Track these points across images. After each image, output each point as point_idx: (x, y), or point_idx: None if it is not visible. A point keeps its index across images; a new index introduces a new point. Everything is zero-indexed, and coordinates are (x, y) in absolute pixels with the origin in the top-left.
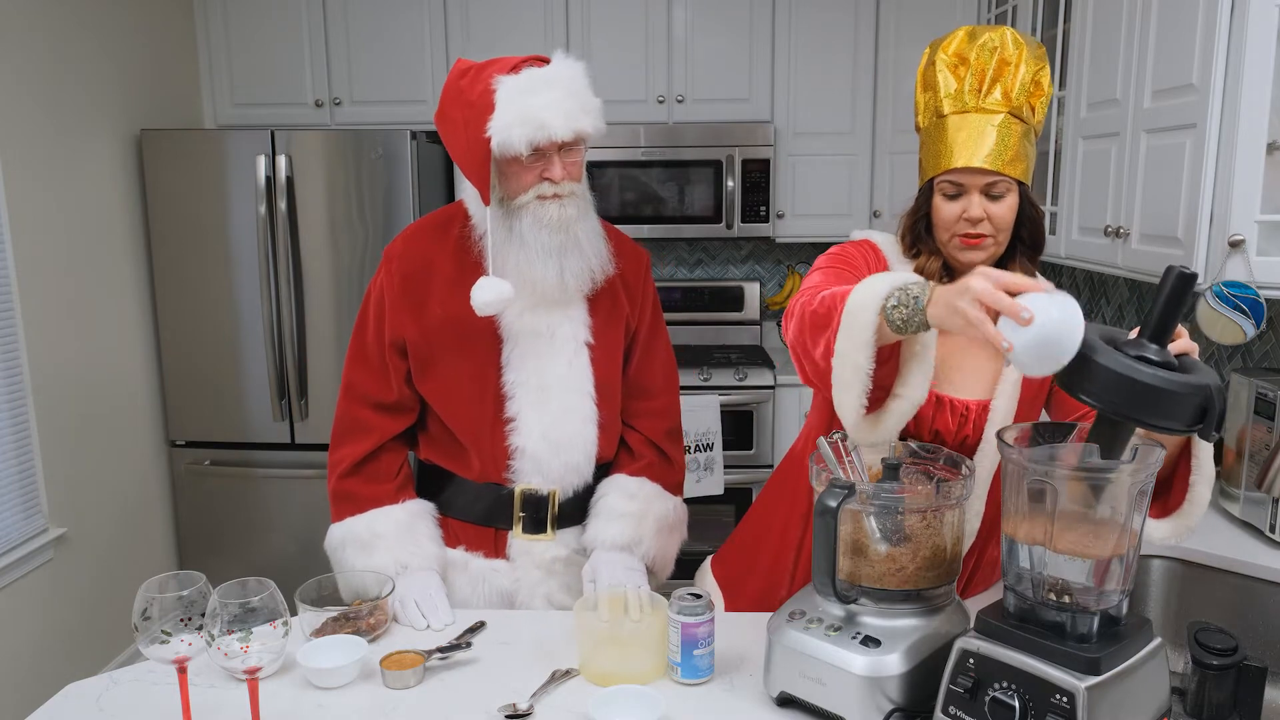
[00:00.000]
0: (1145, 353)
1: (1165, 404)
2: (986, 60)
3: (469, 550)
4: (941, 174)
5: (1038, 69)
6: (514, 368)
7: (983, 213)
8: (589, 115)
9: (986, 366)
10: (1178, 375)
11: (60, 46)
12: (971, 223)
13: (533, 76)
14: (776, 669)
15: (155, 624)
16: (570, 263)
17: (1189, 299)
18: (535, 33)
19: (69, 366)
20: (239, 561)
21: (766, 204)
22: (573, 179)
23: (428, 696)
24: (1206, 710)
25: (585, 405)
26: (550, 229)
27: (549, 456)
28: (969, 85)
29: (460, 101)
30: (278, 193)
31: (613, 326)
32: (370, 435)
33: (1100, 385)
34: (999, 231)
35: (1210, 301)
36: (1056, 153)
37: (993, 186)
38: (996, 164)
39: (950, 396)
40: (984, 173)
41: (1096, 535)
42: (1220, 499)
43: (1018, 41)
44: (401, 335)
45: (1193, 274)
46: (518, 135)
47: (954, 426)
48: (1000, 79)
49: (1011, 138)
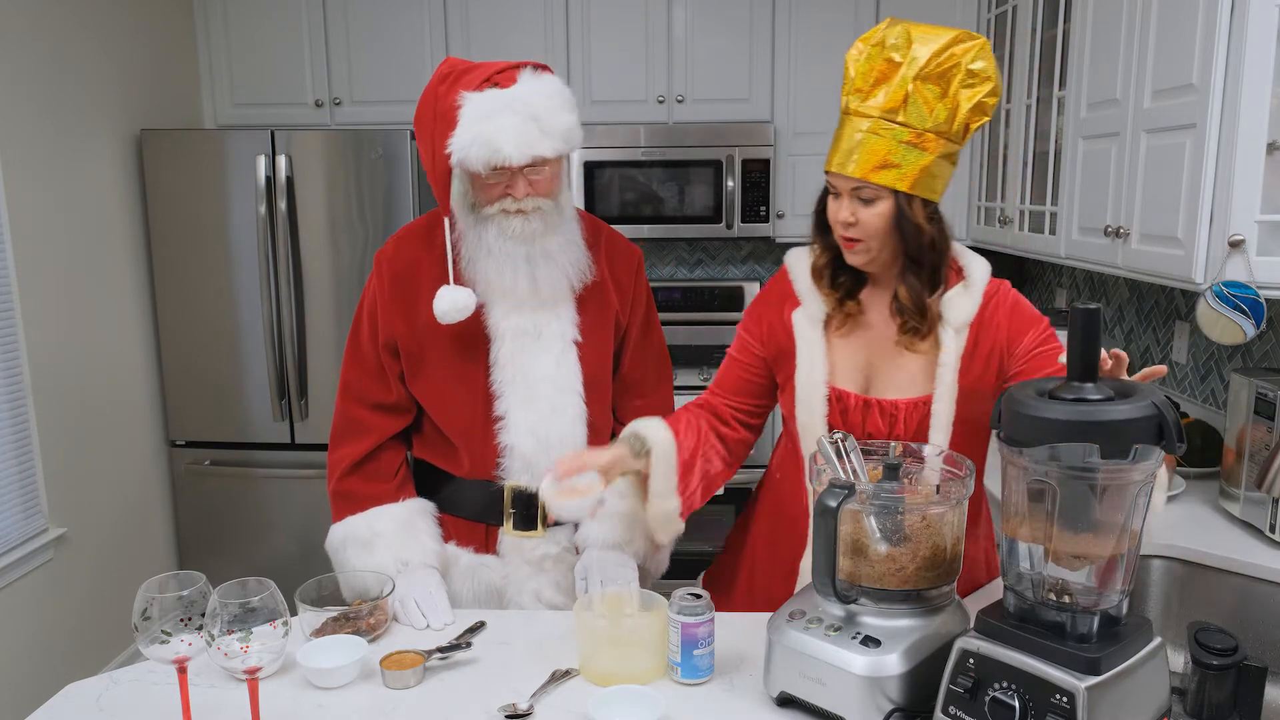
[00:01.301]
0: (1083, 394)
1: (1124, 435)
2: (876, 60)
3: (460, 545)
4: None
5: (945, 65)
6: (502, 366)
7: (851, 216)
8: (550, 139)
9: (917, 366)
10: (1124, 405)
11: (60, 46)
12: (842, 225)
13: (493, 98)
14: (776, 669)
15: (155, 624)
16: (541, 271)
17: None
18: (535, 33)
19: (69, 366)
20: (239, 561)
21: (766, 204)
22: (541, 194)
23: (428, 696)
24: (1206, 710)
25: (574, 403)
26: (515, 240)
27: (538, 454)
28: (855, 85)
29: (432, 110)
30: (278, 193)
31: (602, 325)
32: (369, 435)
33: (1059, 435)
34: (870, 237)
35: (1210, 301)
36: (1056, 153)
37: (859, 191)
38: (856, 171)
39: (879, 398)
40: (846, 178)
41: (1096, 535)
42: (1220, 499)
43: (910, 38)
44: (393, 336)
45: (1095, 309)
46: (475, 156)
47: (885, 427)
48: (884, 82)
49: (883, 144)
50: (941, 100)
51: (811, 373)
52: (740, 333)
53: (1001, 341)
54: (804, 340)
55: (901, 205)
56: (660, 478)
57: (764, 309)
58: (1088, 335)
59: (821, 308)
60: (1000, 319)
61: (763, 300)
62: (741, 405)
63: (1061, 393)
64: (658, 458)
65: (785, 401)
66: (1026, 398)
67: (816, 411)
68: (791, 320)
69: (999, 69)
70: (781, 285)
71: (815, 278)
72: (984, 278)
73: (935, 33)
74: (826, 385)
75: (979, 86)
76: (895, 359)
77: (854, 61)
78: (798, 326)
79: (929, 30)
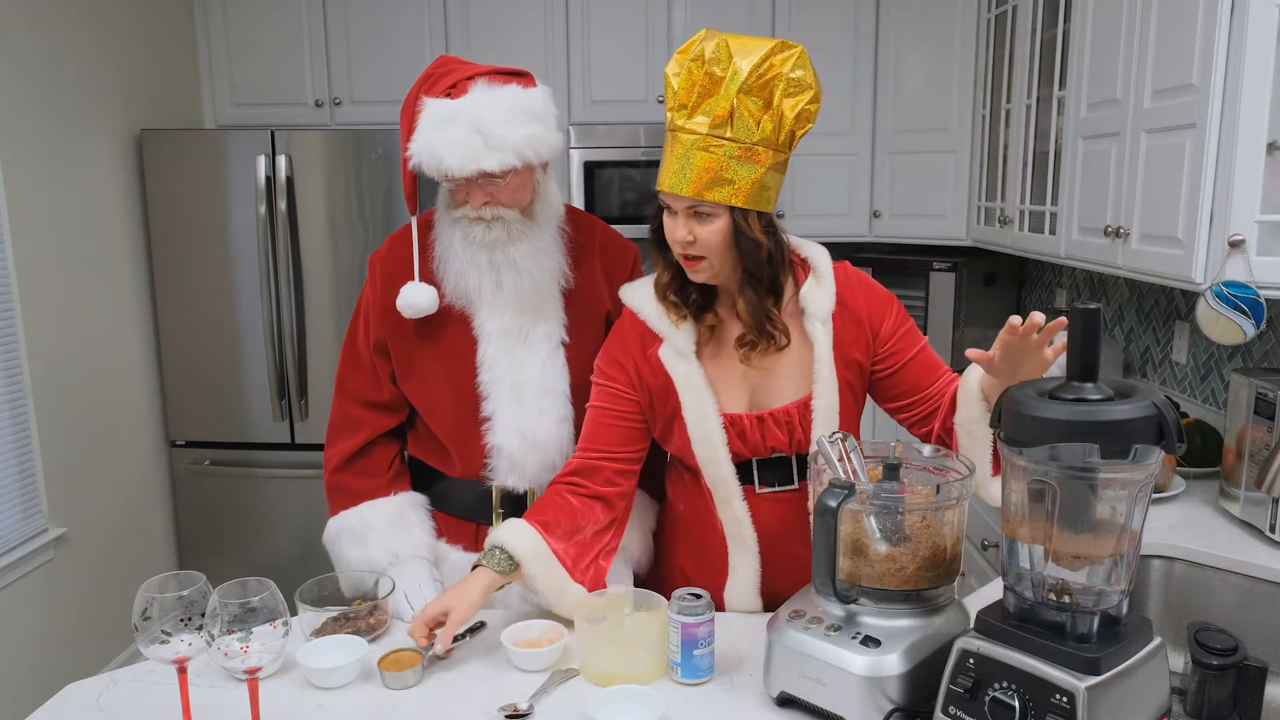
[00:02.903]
0: (1083, 394)
1: (1124, 434)
2: (697, 74)
3: (450, 543)
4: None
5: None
6: (488, 368)
7: (689, 234)
8: (497, 152)
9: (792, 367)
10: (1123, 405)
11: (60, 46)
12: (680, 244)
13: (443, 109)
14: (776, 669)
15: (155, 624)
16: (506, 278)
17: (1099, 332)
18: (535, 33)
19: (69, 366)
20: (239, 561)
21: None
22: (505, 204)
23: (428, 696)
24: (1206, 710)
25: (560, 405)
26: (477, 246)
27: (525, 455)
28: (678, 100)
29: (410, 110)
30: (278, 193)
31: (592, 325)
32: (361, 430)
33: (1059, 435)
34: (709, 254)
35: (1210, 301)
36: (1056, 153)
37: (696, 209)
38: (689, 190)
39: (770, 410)
40: (678, 197)
41: (1096, 535)
42: (1220, 499)
43: (729, 52)
44: (384, 337)
45: (1095, 309)
46: (426, 164)
47: (785, 436)
48: (708, 97)
49: (714, 160)
50: (766, 112)
51: (700, 405)
52: (601, 384)
53: (865, 323)
54: (681, 376)
55: (738, 221)
56: (545, 579)
57: (622, 354)
58: (1088, 335)
59: (686, 337)
60: (859, 301)
61: (617, 345)
62: (622, 456)
63: (1061, 393)
64: (530, 562)
65: (674, 440)
66: (1026, 398)
67: (717, 442)
68: (660, 358)
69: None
70: (634, 325)
71: (661, 298)
72: (829, 265)
73: (753, 43)
74: (719, 414)
75: (800, 95)
76: (770, 371)
77: (675, 77)
78: (669, 363)
79: (747, 41)
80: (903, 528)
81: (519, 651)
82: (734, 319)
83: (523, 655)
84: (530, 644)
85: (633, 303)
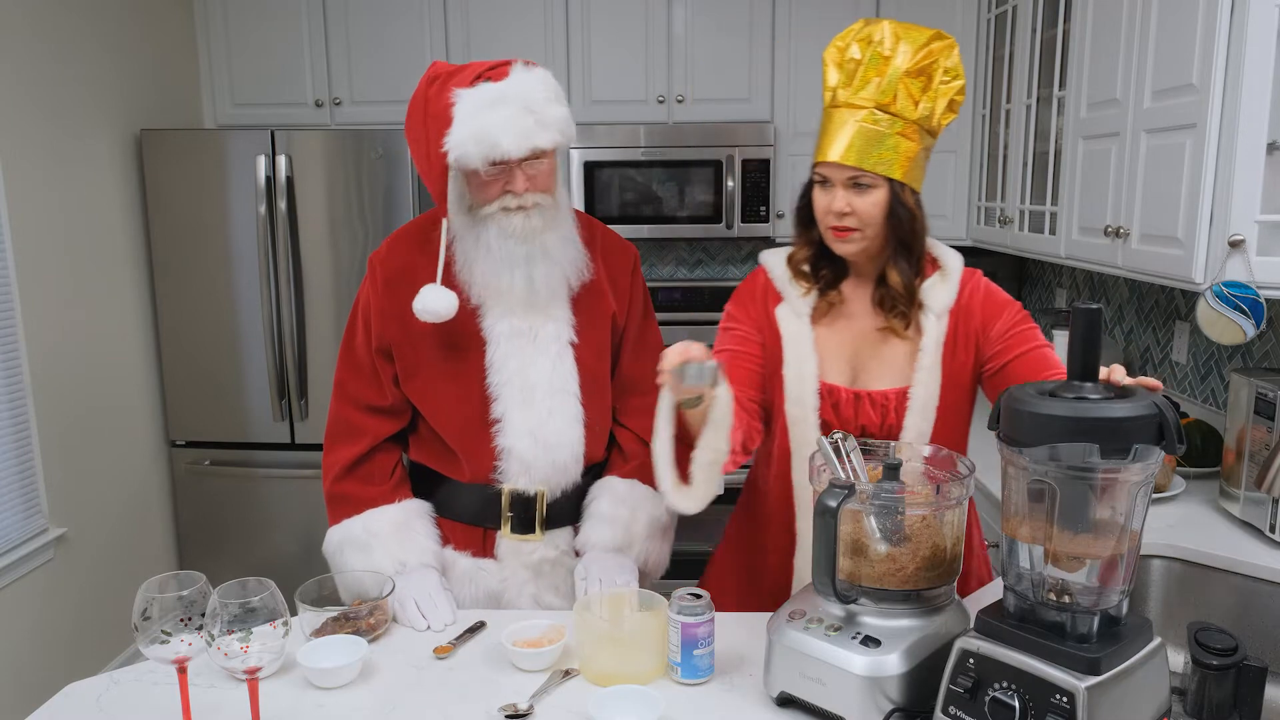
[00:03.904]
0: (1083, 393)
1: (1123, 432)
2: (864, 53)
3: (458, 549)
4: (814, 165)
5: (926, 62)
6: (498, 369)
7: (846, 206)
8: (547, 130)
9: (900, 356)
10: (1124, 404)
11: (60, 46)
12: (837, 215)
13: (487, 92)
14: (776, 669)
15: (155, 624)
16: (538, 271)
17: (1100, 333)
18: (535, 33)
19: (69, 366)
20: (239, 561)
21: (766, 204)
22: (539, 189)
23: (428, 696)
24: (1206, 710)
25: (571, 405)
26: (515, 239)
27: (536, 457)
28: (842, 80)
29: (424, 112)
30: (278, 193)
31: (598, 325)
32: (363, 437)
33: (1059, 435)
34: (866, 225)
35: (1210, 301)
36: (1056, 153)
37: (856, 180)
38: (855, 159)
39: (868, 390)
40: (842, 167)
41: (1096, 535)
42: (1220, 499)
43: (897, 35)
44: (387, 340)
45: (1096, 309)
46: (472, 152)
47: (878, 419)
48: (875, 74)
49: (873, 132)
50: (924, 94)
51: (801, 367)
52: (730, 327)
53: (976, 327)
54: (791, 335)
55: (896, 192)
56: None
57: (750, 302)
58: (1088, 335)
59: (806, 302)
60: (975, 305)
61: (746, 294)
62: (753, 398)
63: (1061, 392)
64: (722, 394)
65: (771, 397)
66: (1026, 396)
67: (809, 406)
68: (776, 315)
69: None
70: (760, 281)
71: (795, 272)
72: (959, 267)
73: (915, 30)
74: (818, 379)
75: (953, 84)
76: (879, 349)
77: (839, 54)
78: (782, 321)
79: (909, 27)
80: (903, 528)
81: (519, 651)
82: (857, 299)
83: (523, 655)
84: (530, 644)
85: (769, 261)
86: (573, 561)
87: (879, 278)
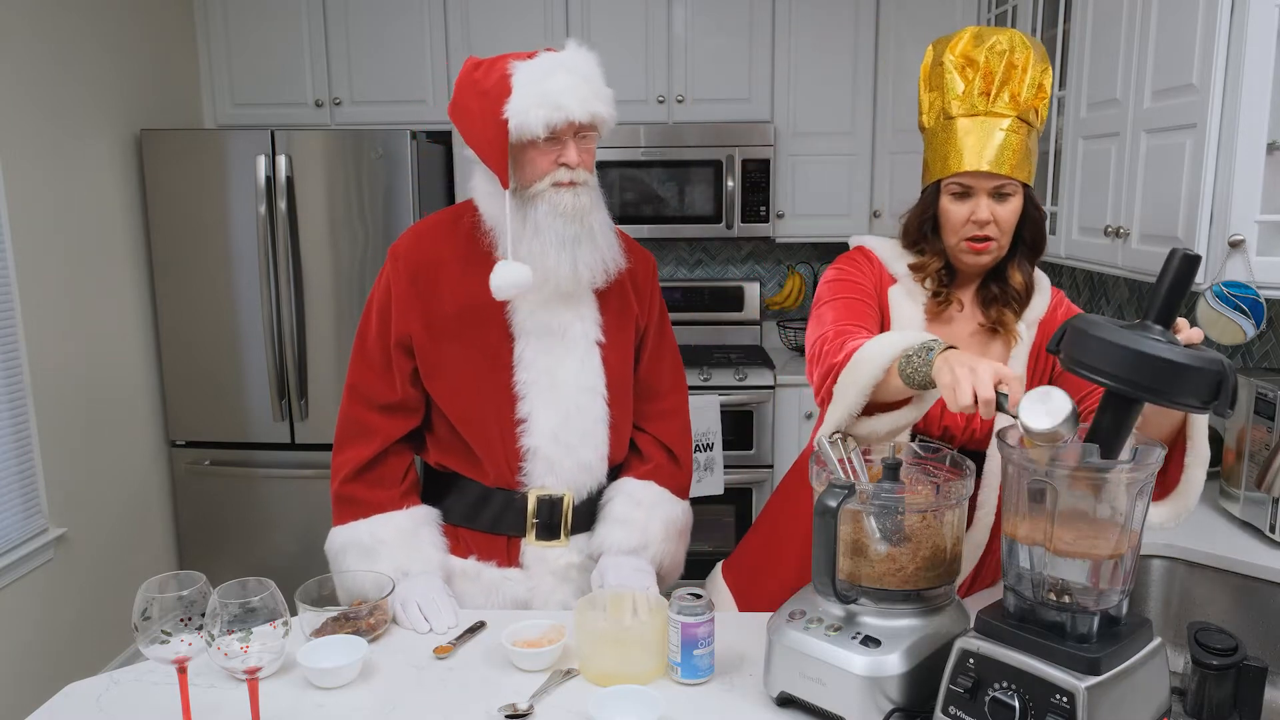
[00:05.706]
0: (1151, 334)
1: (1182, 379)
2: (995, 63)
3: (481, 560)
4: (950, 176)
5: (1042, 71)
6: (525, 366)
7: (990, 215)
8: (603, 101)
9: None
10: (1191, 351)
11: (60, 46)
12: (979, 225)
13: (549, 60)
14: (776, 669)
15: (155, 624)
16: (584, 254)
17: (1192, 282)
18: (535, 33)
19: (69, 366)
20: (239, 561)
21: (766, 204)
22: (586, 167)
23: (428, 696)
24: (1206, 710)
25: (597, 405)
26: (565, 218)
27: (561, 457)
28: (978, 88)
29: (475, 91)
30: (278, 193)
31: (623, 326)
32: (374, 438)
33: (1117, 364)
34: (1003, 235)
35: (1210, 301)
36: (1056, 153)
37: (1000, 189)
38: (1004, 168)
39: None
40: (992, 176)
41: (1096, 535)
42: (1220, 499)
43: (1025, 45)
44: (408, 332)
45: (1196, 256)
46: (535, 117)
47: (963, 421)
48: (1009, 82)
49: (1018, 141)
50: (1042, 101)
51: None
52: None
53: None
54: (902, 317)
55: (1029, 197)
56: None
57: (865, 268)
58: (1178, 281)
59: (922, 291)
60: (1057, 316)
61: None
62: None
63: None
64: None
65: None
66: (1097, 320)
67: None
68: (888, 294)
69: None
70: (870, 260)
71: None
72: (1049, 283)
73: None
74: None
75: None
76: (974, 351)
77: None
78: (895, 301)
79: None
80: (903, 528)
81: (519, 651)
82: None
83: (523, 655)
84: (530, 644)
85: (877, 248)
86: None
87: (986, 278)
